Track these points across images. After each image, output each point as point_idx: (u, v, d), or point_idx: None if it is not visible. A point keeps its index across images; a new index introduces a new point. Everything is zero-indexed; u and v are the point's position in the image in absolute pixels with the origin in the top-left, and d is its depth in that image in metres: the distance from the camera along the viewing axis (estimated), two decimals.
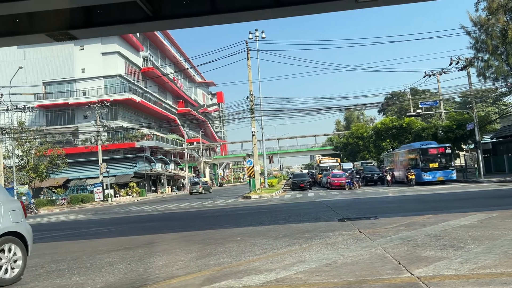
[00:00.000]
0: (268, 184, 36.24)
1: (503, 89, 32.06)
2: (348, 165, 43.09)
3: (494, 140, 35.20)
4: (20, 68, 35.46)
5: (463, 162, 38.81)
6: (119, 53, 54.44)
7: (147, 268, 6.25)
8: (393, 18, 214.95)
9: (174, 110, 72.29)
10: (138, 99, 54.54)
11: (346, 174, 30.81)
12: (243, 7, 9.38)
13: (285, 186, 40.95)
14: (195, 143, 73.94)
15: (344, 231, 8.42)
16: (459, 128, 32.25)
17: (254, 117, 31.05)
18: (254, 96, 30.80)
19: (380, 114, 62.95)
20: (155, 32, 57.91)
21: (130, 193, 46.02)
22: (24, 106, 35.52)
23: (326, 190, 29.16)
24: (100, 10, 9.58)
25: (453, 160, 27.36)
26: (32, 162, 36.77)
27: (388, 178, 28.48)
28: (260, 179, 32.05)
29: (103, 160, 41.22)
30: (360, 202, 16.73)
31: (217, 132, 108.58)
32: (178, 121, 68.96)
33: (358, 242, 7.02)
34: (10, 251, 5.90)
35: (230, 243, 7.92)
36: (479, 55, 30.13)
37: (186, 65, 75.95)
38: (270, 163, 51.75)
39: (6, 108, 34.25)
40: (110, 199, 38.69)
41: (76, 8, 9.43)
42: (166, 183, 60.30)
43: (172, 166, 65.63)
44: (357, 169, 36.84)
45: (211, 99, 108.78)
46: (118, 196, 43.97)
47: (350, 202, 16.61)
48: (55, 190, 40.25)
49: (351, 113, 78.96)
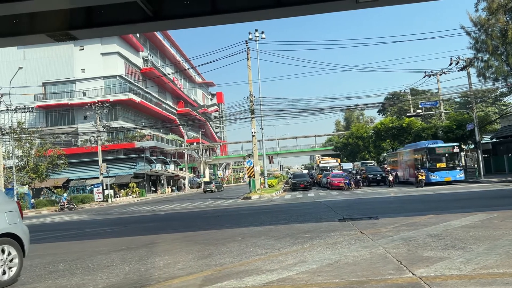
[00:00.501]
0: (268, 185, 36.25)
1: (503, 89, 32.09)
2: (348, 165, 43.01)
3: (494, 140, 35.19)
4: (20, 68, 35.48)
5: (463, 162, 38.71)
6: (119, 53, 54.45)
7: (148, 268, 6.25)
8: (393, 18, 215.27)
9: (174, 111, 72.30)
10: (138, 99, 54.55)
11: (344, 174, 30.64)
12: (244, 7, 9.37)
13: (285, 187, 40.96)
14: (195, 144, 73.92)
15: (345, 231, 8.42)
16: (459, 128, 32.25)
17: (254, 117, 31.05)
18: (254, 97, 30.81)
19: (380, 115, 62.95)
20: (155, 32, 57.90)
21: (130, 193, 46.02)
22: (24, 106, 35.51)
23: (326, 191, 29.15)
24: (100, 11, 9.58)
25: (460, 159, 26.57)
26: (32, 163, 36.76)
27: (390, 178, 28.13)
28: (260, 180, 32.05)
29: (103, 161, 41.21)
30: (360, 202, 16.72)
31: (217, 133, 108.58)
32: (178, 121, 68.94)
33: (359, 242, 7.01)
34: (5, 252, 5.82)
35: (231, 243, 7.92)
36: (479, 55, 30.15)
37: (186, 65, 75.96)
38: (270, 163, 51.72)
39: (6, 108, 34.25)
40: (110, 199, 38.69)
41: (76, 8, 9.43)
42: (166, 184, 60.27)
43: (172, 166, 65.61)
44: (357, 169, 36.73)
45: (211, 100, 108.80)
46: (118, 197, 43.96)
47: (351, 203, 16.61)
48: (55, 191, 40.22)
49: (351, 113, 78.97)
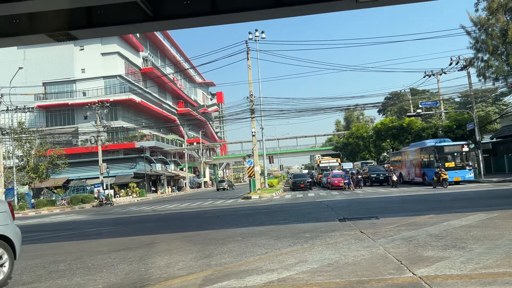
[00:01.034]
0: (268, 184, 36.26)
1: (503, 89, 32.12)
2: (348, 165, 42.95)
3: (494, 140, 35.19)
4: (20, 68, 35.51)
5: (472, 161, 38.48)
6: (119, 53, 54.47)
7: (148, 268, 6.25)
8: (393, 18, 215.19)
9: (174, 111, 72.32)
10: (138, 99, 54.57)
11: (343, 174, 30.43)
12: (244, 7, 9.37)
13: (285, 186, 40.96)
14: (195, 143, 73.92)
15: (345, 231, 8.41)
16: (459, 128, 32.25)
17: (254, 117, 31.04)
18: (254, 96, 30.80)
19: (380, 114, 62.99)
20: (155, 32, 57.93)
21: (130, 193, 46.01)
22: (24, 106, 35.53)
23: (327, 190, 29.13)
24: (100, 11, 9.58)
25: (470, 158, 25.72)
26: (32, 163, 36.78)
27: (394, 178, 27.32)
28: (260, 179, 32.04)
29: (103, 161, 41.19)
30: (360, 202, 16.72)
31: (217, 133, 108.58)
32: (178, 121, 68.97)
33: (360, 242, 7.01)
34: None
35: (231, 243, 7.92)
36: (479, 55, 30.19)
37: (186, 65, 75.99)
38: (270, 163, 51.73)
39: (6, 108, 34.25)
40: (110, 199, 38.64)
41: (76, 8, 9.42)
42: (166, 184, 60.30)
43: (172, 166, 65.64)
44: (357, 169, 36.64)
45: (211, 100, 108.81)
46: (118, 197, 43.95)
47: (351, 202, 16.61)
48: (55, 191, 40.22)
49: (351, 113, 78.97)
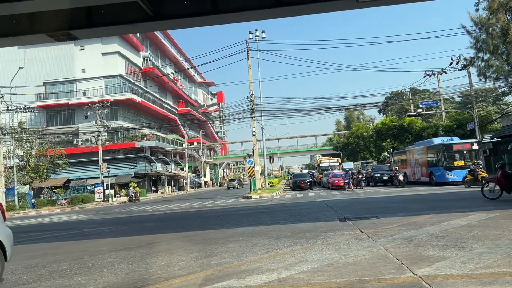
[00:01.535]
0: (268, 184, 36.26)
1: (504, 88, 32.09)
2: (348, 164, 42.97)
3: (495, 139, 35.15)
4: (20, 68, 35.56)
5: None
6: (119, 53, 54.47)
7: (148, 268, 6.25)
8: (393, 18, 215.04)
9: (174, 110, 72.31)
10: (138, 99, 54.56)
11: (344, 174, 30.23)
12: (244, 7, 9.38)
13: (285, 186, 40.95)
14: (195, 143, 73.94)
15: (345, 231, 8.41)
16: (460, 127, 32.26)
17: (254, 117, 31.04)
18: (255, 96, 30.81)
19: (380, 114, 63.08)
20: (155, 32, 57.97)
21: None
22: (24, 106, 35.55)
23: (327, 190, 29.13)
24: (101, 11, 9.58)
25: (479, 157, 25.24)
26: (33, 162, 36.81)
27: (401, 178, 26.70)
28: (260, 179, 32.05)
29: (104, 160, 41.22)
30: (361, 202, 16.71)
31: (217, 132, 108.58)
32: (178, 121, 68.96)
33: (360, 242, 7.01)
34: None
35: (231, 243, 7.92)
36: (480, 54, 30.14)
37: (186, 65, 75.97)
38: (270, 163, 51.76)
39: (6, 108, 34.27)
40: (110, 199, 38.71)
41: (76, 8, 9.43)
42: (166, 183, 60.33)
43: (172, 166, 65.66)
44: (358, 169, 36.60)
45: (211, 99, 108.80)
46: (118, 196, 43.95)
47: (351, 202, 16.60)
48: (56, 190, 40.26)
49: (351, 113, 79.03)
